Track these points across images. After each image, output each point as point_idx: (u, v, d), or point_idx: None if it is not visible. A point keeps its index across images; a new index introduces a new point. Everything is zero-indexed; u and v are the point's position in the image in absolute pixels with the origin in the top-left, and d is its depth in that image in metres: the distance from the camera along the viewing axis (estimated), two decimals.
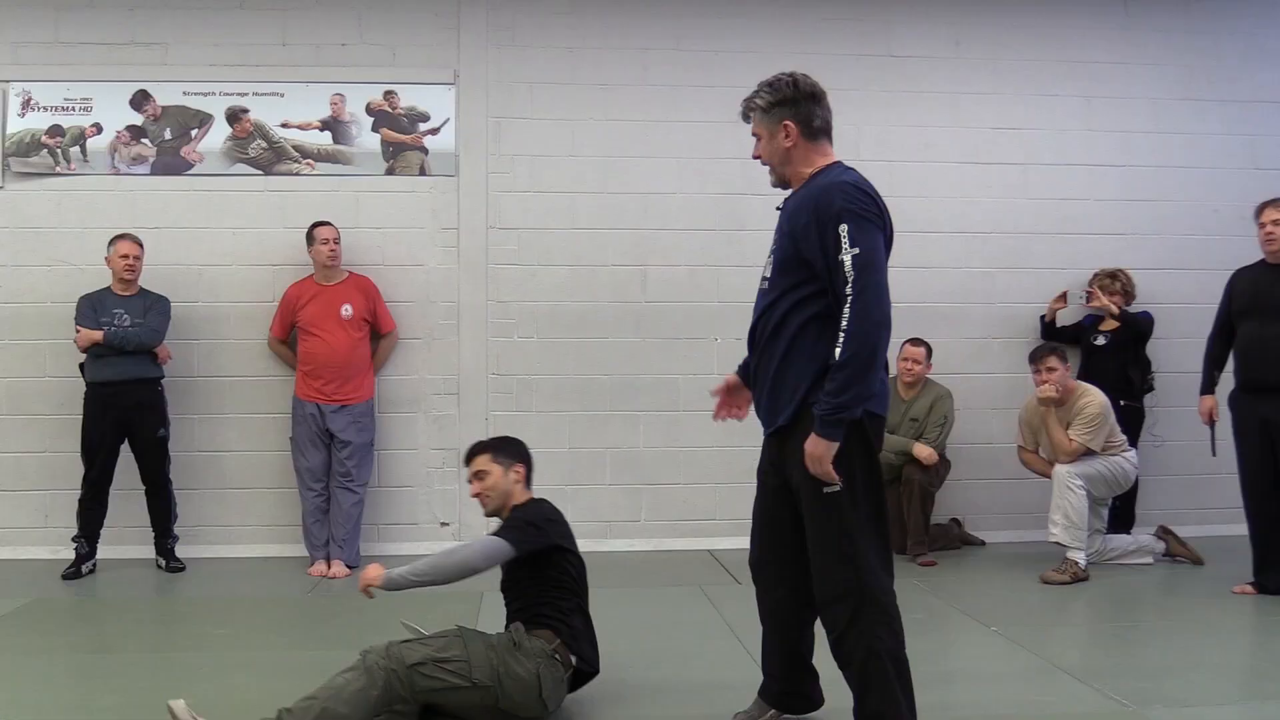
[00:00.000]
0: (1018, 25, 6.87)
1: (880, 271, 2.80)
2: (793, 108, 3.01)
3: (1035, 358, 5.89)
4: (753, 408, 3.24)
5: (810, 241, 2.86)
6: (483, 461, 3.64)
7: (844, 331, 2.75)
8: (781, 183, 3.12)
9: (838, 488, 2.85)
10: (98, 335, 5.77)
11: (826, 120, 3.06)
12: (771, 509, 3.15)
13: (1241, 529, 5.41)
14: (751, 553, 3.24)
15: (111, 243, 5.94)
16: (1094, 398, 5.76)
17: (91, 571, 5.87)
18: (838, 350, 2.75)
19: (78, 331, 5.81)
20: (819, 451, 2.80)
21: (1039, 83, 6.85)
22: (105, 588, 5.69)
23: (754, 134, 3.09)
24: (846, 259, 2.76)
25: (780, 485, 3.08)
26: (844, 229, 2.78)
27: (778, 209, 3.13)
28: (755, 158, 3.13)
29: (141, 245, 5.97)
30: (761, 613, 3.27)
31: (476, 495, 3.64)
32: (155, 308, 5.97)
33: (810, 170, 3.03)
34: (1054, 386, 5.74)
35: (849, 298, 2.75)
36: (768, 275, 3.06)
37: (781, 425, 2.98)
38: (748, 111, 3.09)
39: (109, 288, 5.95)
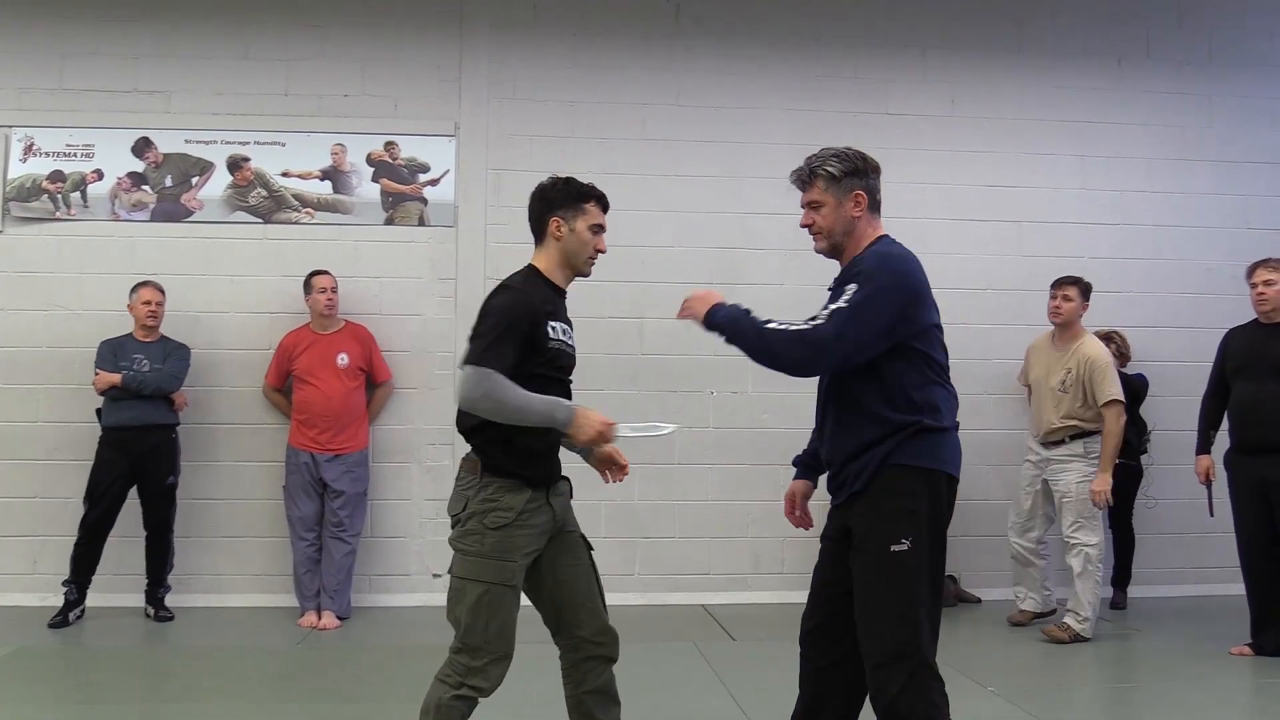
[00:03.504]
0: (1013, 85, 6.96)
1: (855, 328, 2.80)
2: (863, 179, 3.03)
3: (1055, 285, 5.90)
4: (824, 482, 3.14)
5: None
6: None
7: (806, 321, 2.82)
8: (833, 251, 3.08)
9: (906, 546, 2.78)
10: (116, 378, 5.77)
11: (882, 198, 3.10)
12: (834, 575, 3.00)
13: (1239, 589, 5.39)
14: (805, 621, 3.08)
15: (134, 289, 5.98)
16: (1094, 348, 5.75)
17: (79, 619, 5.80)
18: (794, 324, 2.82)
19: (96, 374, 5.82)
20: (695, 306, 2.97)
21: (1034, 142, 6.94)
22: (93, 637, 5.63)
23: (812, 201, 3.04)
24: (840, 302, 2.82)
25: (845, 549, 2.95)
26: (850, 288, 2.83)
27: (830, 289, 3.08)
28: (805, 225, 3.09)
29: (163, 292, 6.01)
30: (807, 684, 3.07)
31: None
32: (175, 354, 5.99)
33: (865, 244, 3.03)
34: (1064, 315, 5.79)
35: (823, 319, 2.81)
36: None
37: (856, 491, 2.90)
38: (810, 177, 3.04)
39: (130, 334, 5.97)
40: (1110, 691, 4.85)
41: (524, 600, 3.13)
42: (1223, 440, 5.45)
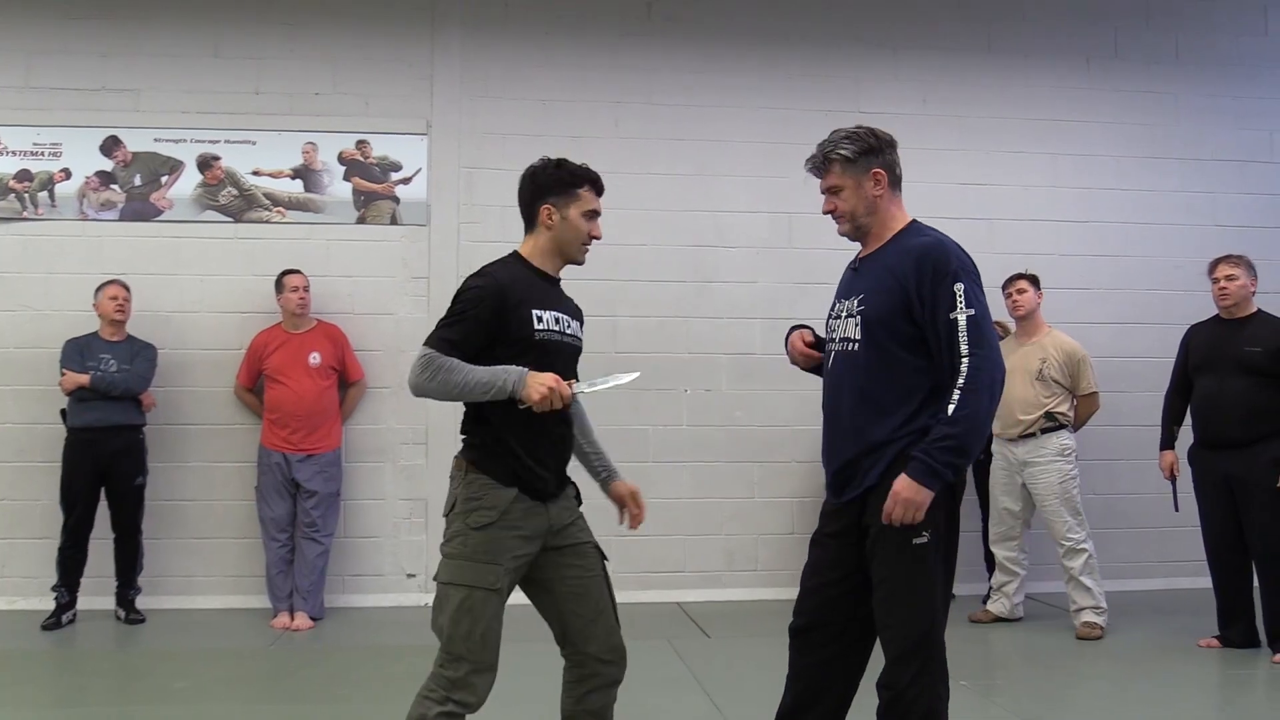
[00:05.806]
0: (984, 84, 7.01)
1: (993, 334, 2.80)
2: (879, 156, 2.97)
3: (1007, 283, 5.91)
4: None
5: (920, 297, 2.81)
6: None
7: (960, 389, 2.71)
8: (856, 234, 3.01)
9: (926, 539, 2.75)
10: (84, 379, 5.71)
11: (901, 170, 3.04)
12: (832, 573, 2.95)
13: (1206, 582, 5.44)
14: (797, 618, 3.01)
15: (100, 288, 5.92)
16: (1070, 340, 5.77)
17: (72, 621, 5.77)
18: (952, 406, 2.71)
19: (63, 374, 5.76)
20: (919, 498, 2.69)
21: (1004, 140, 6.99)
22: (63, 639, 5.57)
23: (831, 187, 2.98)
24: (961, 318, 2.76)
25: (848, 546, 2.91)
26: (959, 288, 2.78)
27: (853, 269, 3.04)
28: (828, 212, 3.02)
29: (129, 290, 5.95)
30: (797, 681, 3.01)
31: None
32: (142, 355, 5.94)
33: (895, 225, 2.99)
34: (1024, 306, 5.80)
35: (966, 356, 2.73)
36: (854, 336, 2.91)
37: (870, 486, 2.85)
38: (824, 163, 2.98)
39: (96, 333, 5.91)
40: (1080, 684, 4.89)
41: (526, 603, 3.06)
42: (1186, 436, 5.50)
